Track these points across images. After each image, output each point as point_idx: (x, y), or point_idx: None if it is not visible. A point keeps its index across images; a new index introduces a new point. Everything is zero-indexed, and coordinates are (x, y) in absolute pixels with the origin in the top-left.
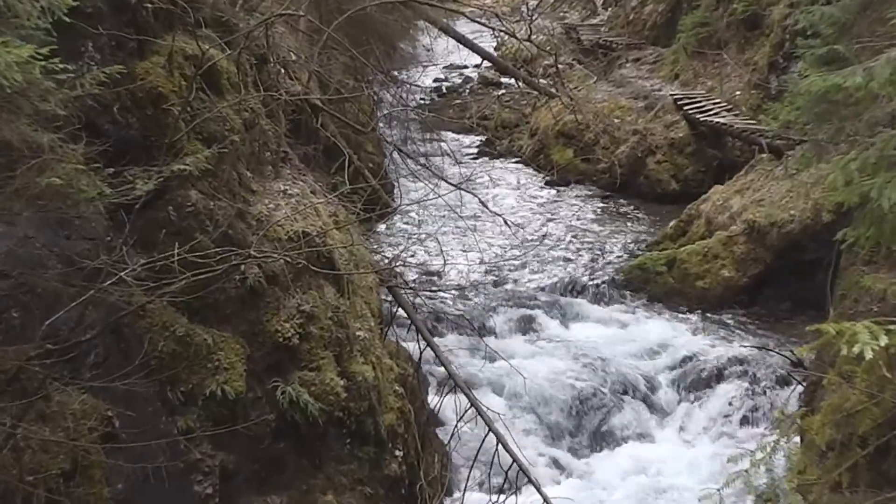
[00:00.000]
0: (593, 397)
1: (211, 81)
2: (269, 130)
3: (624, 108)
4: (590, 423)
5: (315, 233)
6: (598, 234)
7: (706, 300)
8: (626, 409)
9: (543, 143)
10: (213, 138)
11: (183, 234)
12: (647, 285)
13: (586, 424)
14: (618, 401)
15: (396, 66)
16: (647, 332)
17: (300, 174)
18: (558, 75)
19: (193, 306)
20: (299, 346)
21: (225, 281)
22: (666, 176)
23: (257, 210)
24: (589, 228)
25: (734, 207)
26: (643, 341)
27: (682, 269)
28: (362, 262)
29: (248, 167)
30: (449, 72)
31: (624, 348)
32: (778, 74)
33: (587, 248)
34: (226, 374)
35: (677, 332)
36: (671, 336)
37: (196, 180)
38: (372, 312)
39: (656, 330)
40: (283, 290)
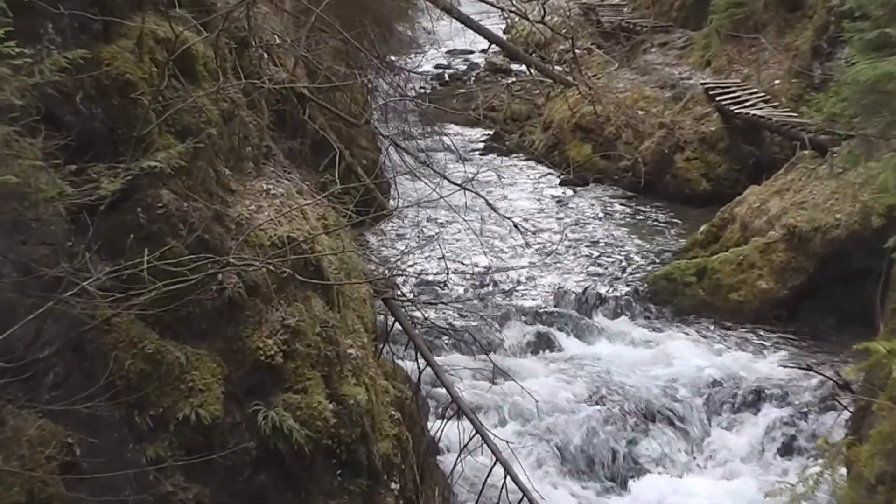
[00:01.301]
0: (614, 423)
1: (185, 68)
2: (251, 123)
3: (649, 98)
4: (610, 452)
5: (302, 238)
6: (620, 241)
7: (741, 314)
8: (651, 437)
9: (558, 138)
10: (188, 131)
11: (153, 239)
12: (675, 298)
13: (606, 454)
14: (642, 427)
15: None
16: (674, 350)
17: (285, 172)
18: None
19: (165, 320)
20: (283, 365)
21: (200, 292)
22: (696, 175)
23: (237, 212)
24: (609, 234)
25: (773, 210)
26: (670, 361)
27: (713, 279)
28: (354, 271)
29: (227, 164)
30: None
31: (649, 368)
32: (822, 61)
33: (607, 255)
34: (201, 396)
35: (708, 351)
36: (701, 355)
37: (168, 179)
38: (365, 327)
39: (685, 348)
40: (266, 302)
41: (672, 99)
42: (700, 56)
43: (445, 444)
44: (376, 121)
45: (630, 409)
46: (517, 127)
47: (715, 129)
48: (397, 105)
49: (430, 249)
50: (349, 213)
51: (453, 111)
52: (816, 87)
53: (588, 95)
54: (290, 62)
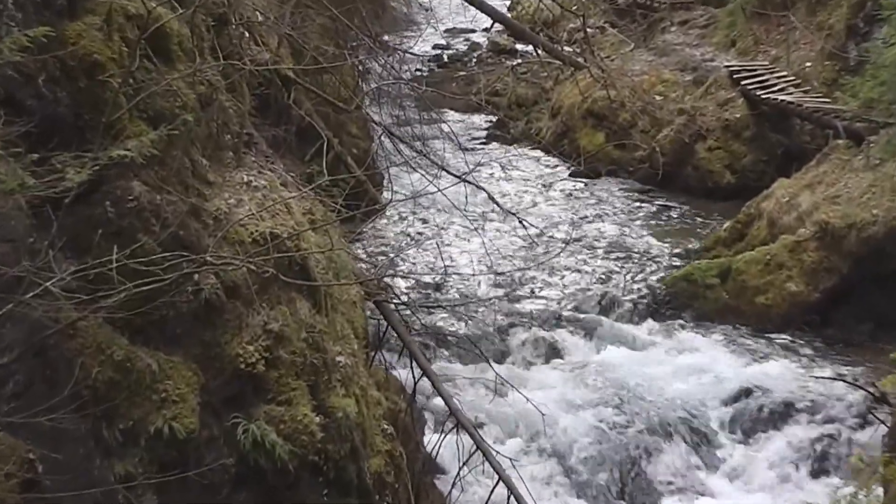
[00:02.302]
0: (628, 439)
1: (158, 47)
2: (230, 108)
3: (668, 82)
4: (624, 470)
5: (286, 234)
6: (635, 238)
7: (768, 319)
8: (668, 454)
9: (568, 125)
10: (161, 117)
11: (123, 236)
12: (696, 301)
13: (620, 472)
14: (658, 443)
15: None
16: (694, 359)
17: (268, 162)
18: (587, 41)
19: (135, 324)
20: (265, 373)
21: (174, 293)
22: (719, 166)
23: (215, 206)
24: (624, 231)
25: (803, 206)
26: (690, 370)
27: (738, 281)
28: (344, 271)
29: (204, 153)
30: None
31: (666, 379)
32: (858, 41)
33: (621, 254)
34: (174, 407)
35: (732, 360)
36: (725, 364)
37: (139, 169)
38: (355, 333)
39: (706, 356)
40: (246, 304)
41: (693, 83)
42: (724, 35)
43: (443, 461)
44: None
45: (645, 424)
46: (523, 113)
47: (740, 116)
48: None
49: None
50: (338, 207)
51: (453, 96)
52: (852, 70)
53: (601, 79)
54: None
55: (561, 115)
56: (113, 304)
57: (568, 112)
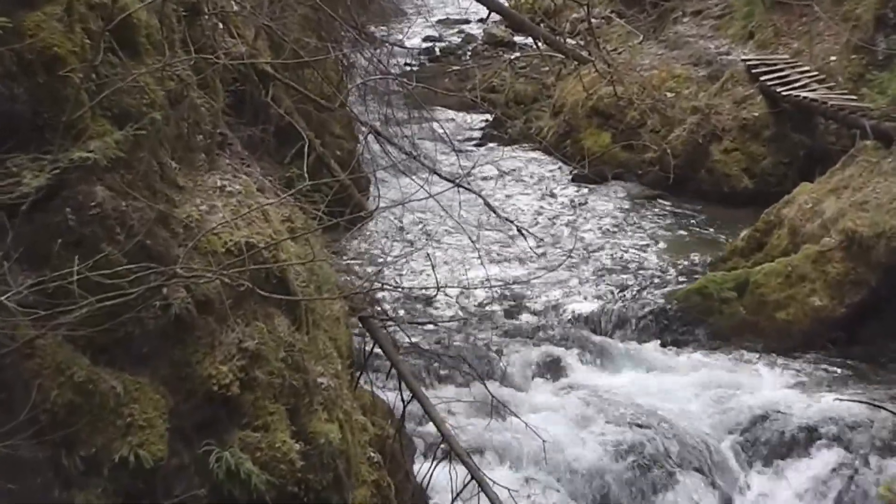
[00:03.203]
0: (636, 468)
1: (124, 39)
2: (203, 106)
3: (680, 77)
4: (632, 502)
5: (263, 244)
6: (644, 248)
7: (789, 337)
8: (682, 484)
9: (571, 125)
10: (127, 116)
11: (85, 245)
12: (710, 317)
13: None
14: (669, 473)
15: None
16: (708, 379)
17: (243, 165)
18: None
19: (98, 342)
20: (241, 396)
21: (141, 308)
22: (735, 169)
23: (185, 213)
24: (631, 240)
25: (828, 212)
26: (703, 392)
27: (756, 295)
28: (327, 285)
29: (174, 155)
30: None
31: (678, 401)
32: (887, 33)
33: (629, 266)
34: (141, 433)
35: (750, 381)
36: (741, 386)
37: (103, 173)
38: (339, 352)
39: (721, 377)
40: (220, 320)
41: (707, 78)
42: (741, 27)
43: (435, 492)
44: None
45: (656, 451)
46: (521, 111)
47: (759, 115)
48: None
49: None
50: (320, 214)
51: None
52: (880, 65)
53: (607, 74)
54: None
55: (563, 113)
56: (74, 320)
57: (571, 110)
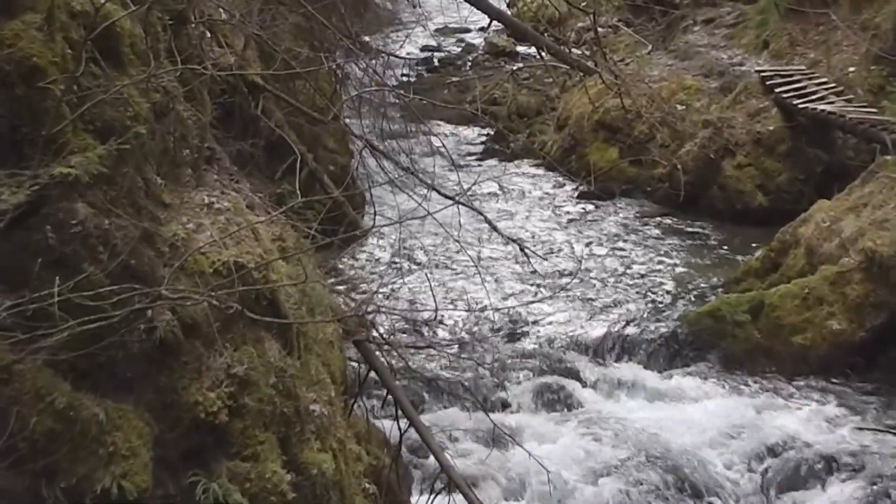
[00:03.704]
0: (646, 500)
1: (107, 49)
2: (190, 119)
3: (690, 88)
4: None
5: (253, 264)
6: (654, 268)
7: (806, 362)
8: None
9: (576, 139)
10: (110, 130)
11: (66, 265)
12: (723, 341)
13: None
14: None
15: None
16: (721, 407)
17: (232, 181)
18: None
19: (80, 367)
20: (229, 424)
21: (125, 332)
22: (749, 186)
23: (171, 231)
24: (640, 260)
25: (846, 231)
26: (716, 420)
27: (772, 318)
28: (319, 307)
29: (160, 171)
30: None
31: (689, 430)
32: None
33: (638, 287)
34: (124, 463)
35: (765, 408)
36: (756, 414)
37: (85, 189)
38: (332, 378)
39: (735, 405)
40: (207, 344)
41: (720, 90)
42: (755, 36)
43: None
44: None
45: (668, 482)
46: (524, 125)
47: (773, 129)
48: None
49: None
50: (313, 232)
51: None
52: None
53: (614, 85)
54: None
55: (568, 127)
56: (54, 343)
57: (576, 123)
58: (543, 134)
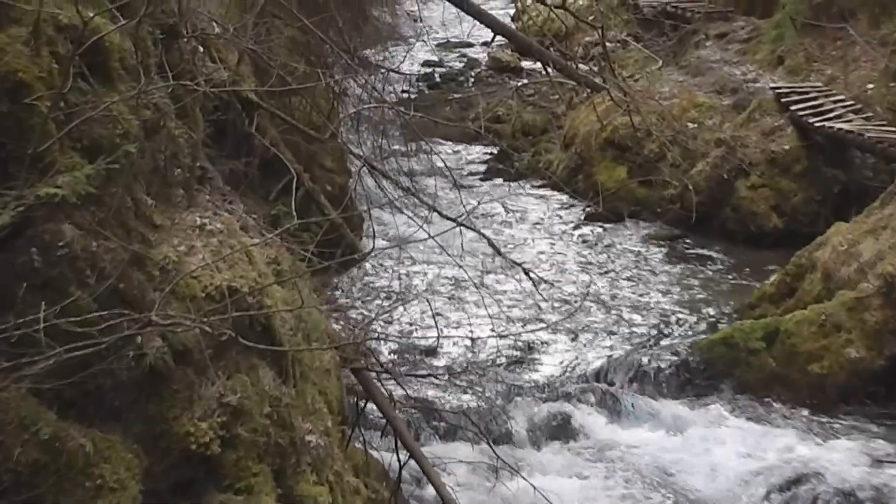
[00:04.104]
0: None
1: (96, 64)
2: (181, 137)
3: (703, 106)
4: None
5: (246, 289)
6: (664, 293)
7: (823, 392)
8: None
9: (583, 158)
10: (99, 148)
11: (52, 289)
12: (737, 369)
13: None
14: None
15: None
16: (734, 438)
17: (225, 201)
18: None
19: (66, 396)
20: (222, 455)
21: (113, 359)
22: (764, 207)
23: (162, 254)
24: (650, 284)
25: (865, 255)
26: (730, 453)
27: (787, 345)
28: (316, 333)
29: (150, 191)
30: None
31: (701, 463)
32: None
33: (647, 313)
34: (112, 496)
35: (780, 440)
36: (771, 445)
37: (72, 210)
38: (329, 407)
39: (749, 436)
40: (199, 372)
41: (733, 107)
42: (770, 52)
43: None
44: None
45: None
46: (529, 143)
47: (789, 148)
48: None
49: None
50: (309, 256)
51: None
52: None
53: (623, 102)
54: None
55: (575, 145)
56: (39, 371)
57: (583, 142)
58: (549, 153)
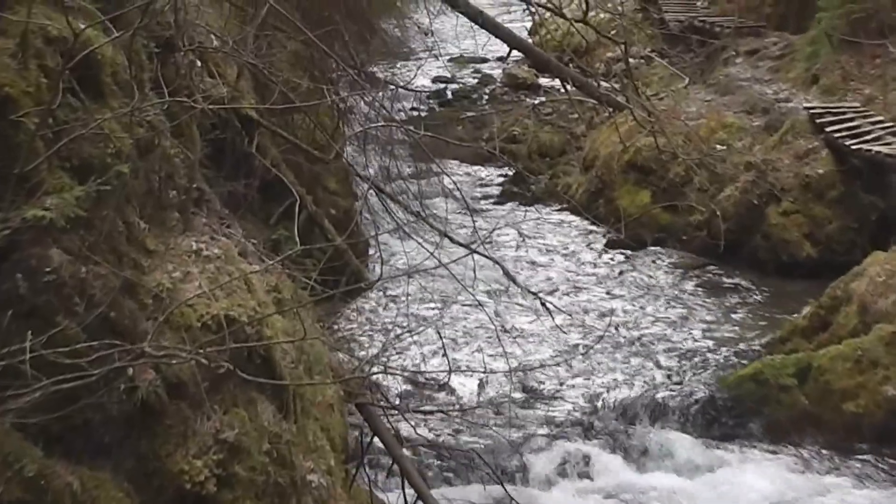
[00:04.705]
0: None
1: (87, 79)
2: (177, 157)
3: (732, 127)
4: None
5: (245, 318)
6: (689, 326)
7: (859, 432)
8: None
9: (604, 182)
10: (90, 168)
11: (39, 317)
12: (766, 408)
13: None
14: None
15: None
16: (763, 481)
17: (223, 225)
18: (629, 74)
19: (53, 431)
20: (217, 495)
21: (103, 392)
22: (796, 235)
23: (155, 281)
24: (674, 316)
25: None
26: (758, 496)
27: (821, 382)
28: (318, 366)
29: (143, 214)
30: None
31: None
32: None
33: (671, 346)
34: None
35: (812, 483)
36: (802, 489)
37: (60, 234)
38: (332, 444)
39: (780, 479)
40: (194, 407)
41: (764, 129)
42: (804, 69)
43: None
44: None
45: None
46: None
47: (823, 172)
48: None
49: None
50: (312, 283)
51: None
52: None
53: (646, 122)
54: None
55: (595, 168)
56: (25, 405)
57: (604, 164)
58: (568, 175)
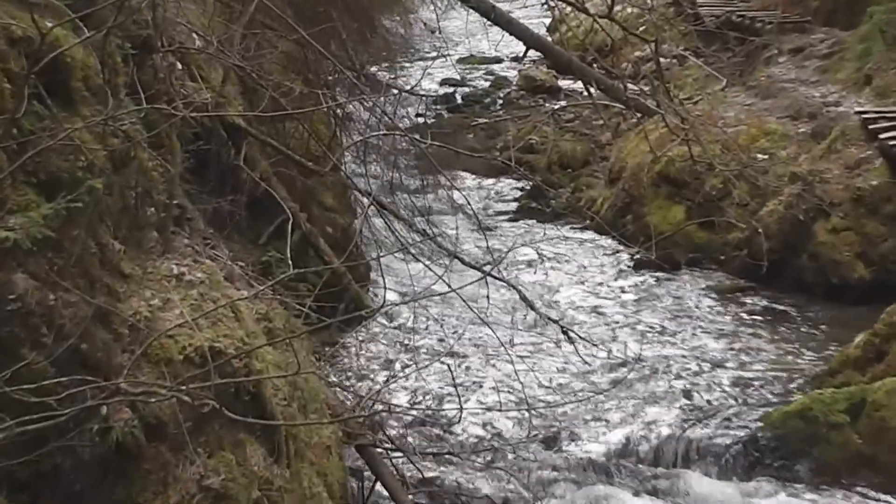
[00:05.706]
0: None
1: (55, 84)
2: (156, 170)
3: (774, 134)
4: None
5: (232, 350)
6: (728, 357)
7: None
8: None
9: (632, 196)
10: (58, 184)
11: (2, 350)
12: (815, 447)
13: None
14: None
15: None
16: None
17: (207, 246)
18: (660, 77)
19: (18, 477)
20: None
21: (74, 434)
22: (847, 254)
23: (132, 309)
24: (711, 346)
25: None
26: None
27: (876, 419)
28: (314, 403)
29: (118, 234)
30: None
31: None
32: None
33: (708, 380)
34: None
35: None
36: None
37: (26, 256)
38: (330, 491)
39: None
40: (175, 449)
41: (811, 136)
42: (855, 69)
43: None
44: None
45: None
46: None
47: (877, 184)
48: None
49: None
50: (306, 311)
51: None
52: None
53: (679, 130)
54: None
55: (622, 180)
56: None
57: (632, 177)
58: (591, 189)
